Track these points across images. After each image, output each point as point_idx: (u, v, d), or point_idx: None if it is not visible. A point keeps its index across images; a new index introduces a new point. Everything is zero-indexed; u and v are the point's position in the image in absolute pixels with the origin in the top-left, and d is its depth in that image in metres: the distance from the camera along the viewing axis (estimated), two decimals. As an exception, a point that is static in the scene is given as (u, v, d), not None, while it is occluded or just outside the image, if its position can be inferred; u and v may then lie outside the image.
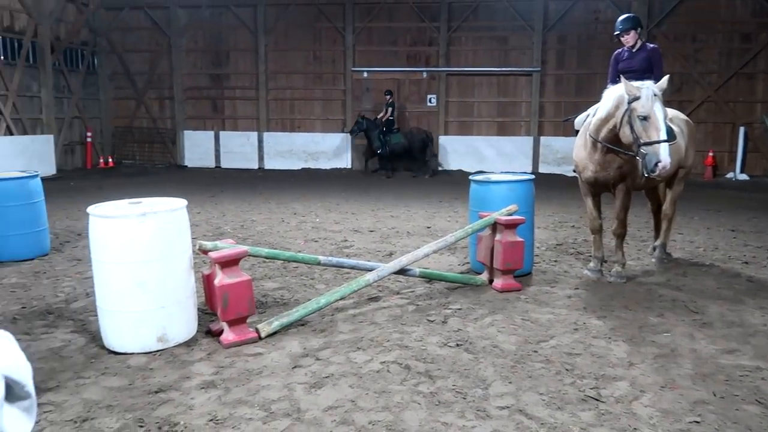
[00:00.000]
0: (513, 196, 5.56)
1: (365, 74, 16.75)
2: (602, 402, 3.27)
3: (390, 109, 15.37)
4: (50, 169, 14.40)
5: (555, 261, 6.41)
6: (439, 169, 15.98)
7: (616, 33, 5.86)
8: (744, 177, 14.50)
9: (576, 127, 6.07)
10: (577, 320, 4.55)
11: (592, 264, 5.85)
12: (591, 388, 3.43)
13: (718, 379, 3.57)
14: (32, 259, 6.41)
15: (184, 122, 17.69)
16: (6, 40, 14.17)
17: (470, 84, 16.58)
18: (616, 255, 5.71)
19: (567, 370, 3.69)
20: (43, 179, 6.86)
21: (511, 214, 5.31)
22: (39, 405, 3.20)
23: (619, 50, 5.96)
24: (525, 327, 4.41)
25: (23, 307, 4.85)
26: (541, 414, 3.15)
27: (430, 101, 16.70)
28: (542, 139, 16.09)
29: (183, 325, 4.10)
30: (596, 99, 5.65)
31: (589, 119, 5.61)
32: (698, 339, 4.19)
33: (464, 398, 3.32)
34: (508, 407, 3.22)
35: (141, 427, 3.00)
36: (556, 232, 7.97)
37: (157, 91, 17.78)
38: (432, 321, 4.52)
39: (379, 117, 15.52)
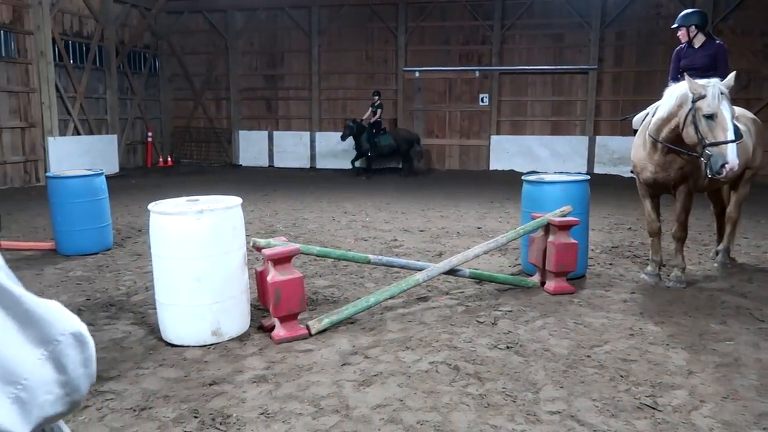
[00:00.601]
0: (567, 196, 5.44)
1: (417, 74, 16.73)
2: (659, 410, 3.16)
3: (379, 110, 14.89)
4: (113, 168, 15.04)
5: (610, 264, 6.23)
6: (423, 168, 15.69)
7: (672, 27, 5.66)
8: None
9: (634, 127, 5.88)
10: (633, 325, 4.41)
11: (649, 268, 5.66)
12: (647, 396, 3.32)
13: (786, 391, 3.39)
14: (96, 254, 6.71)
15: (239, 122, 18.12)
16: (75, 44, 14.89)
17: (524, 83, 16.30)
18: (675, 259, 5.50)
19: (622, 376, 3.58)
20: (107, 177, 7.17)
21: (565, 216, 5.20)
22: (101, 393, 3.36)
23: (681, 46, 5.74)
24: (578, 331, 4.31)
25: (87, 299, 5.09)
26: (594, 421, 3.07)
27: (482, 100, 16.51)
28: (598, 138, 15.66)
29: (236, 320, 4.20)
30: (656, 97, 5.46)
31: (648, 118, 5.43)
32: (764, 348, 3.98)
33: (514, 401, 3.27)
34: (559, 412, 3.16)
35: (195, 417, 3.10)
36: (611, 235, 7.75)
37: (214, 92, 18.29)
38: (482, 322, 4.47)
39: (364, 118, 15.01)
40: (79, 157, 13.49)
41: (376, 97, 14.93)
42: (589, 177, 5.88)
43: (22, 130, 13.04)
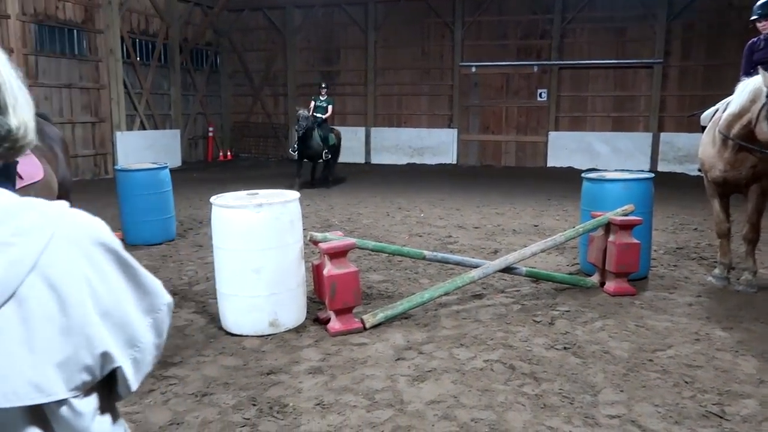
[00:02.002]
0: (629, 195, 5.26)
1: (473, 69, 16.54)
2: (726, 420, 3.02)
3: (330, 107, 12.27)
4: (176, 162, 15.58)
5: (674, 266, 5.99)
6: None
7: (752, 18, 5.35)
8: None
9: (702, 123, 5.62)
10: (699, 330, 4.23)
11: (717, 270, 5.41)
12: (714, 404, 3.18)
13: None
14: (160, 244, 6.98)
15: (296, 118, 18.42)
16: (141, 42, 15.49)
17: (584, 77, 15.85)
18: (746, 262, 5.23)
19: (686, 382, 3.44)
20: (170, 170, 7.44)
21: (627, 215, 5.03)
22: (165, 378, 3.49)
23: (755, 39, 5.43)
24: (639, 334, 4.17)
25: (153, 287, 5.30)
26: (656, 427, 2.96)
27: (540, 96, 16.17)
28: (663, 135, 15.06)
29: (293, 311, 4.29)
30: (726, 93, 5.19)
31: (718, 114, 5.18)
32: None
33: (571, 403, 3.21)
34: (618, 416, 3.07)
35: (254, 405, 3.18)
36: (676, 235, 7.45)
37: (272, 88, 18.65)
38: (538, 322, 4.39)
39: (326, 116, 12.09)
40: (144, 150, 14.05)
41: (325, 90, 12.29)
42: (653, 175, 5.67)
43: (93, 124, 13.69)
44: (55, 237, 0.81)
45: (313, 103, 12.15)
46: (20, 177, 3.39)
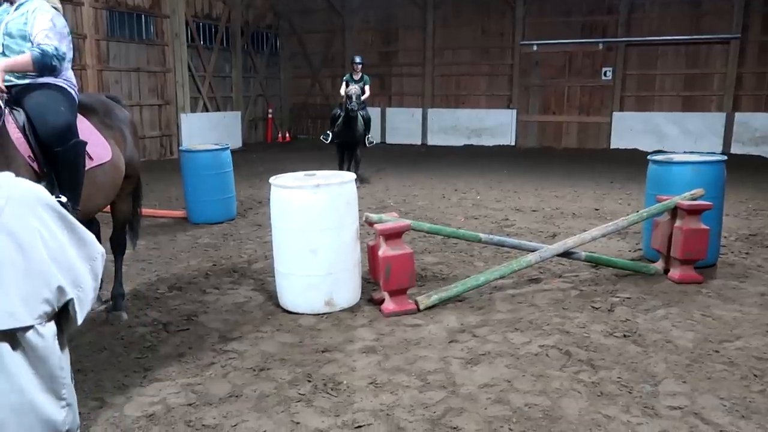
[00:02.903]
0: (699, 179, 5.01)
1: (535, 47, 16.07)
2: (799, 417, 2.87)
3: (367, 86, 10.48)
4: (237, 143, 15.97)
5: (746, 253, 5.68)
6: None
7: None
8: None
9: None
10: (772, 322, 4.01)
11: (794, 259, 5.10)
12: (786, 400, 3.02)
13: None
14: (221, 223, 7.20)
15: (354, 99, 18.47)
16: (205, 25, 15.87)
17: (653, 55, 15.11)
18: (826, 251, 4.91)
19: (756, 375, 3.28)
20: (231, 151, 7.63)
21: (695, 199, 4.80)
22: (225, 352, 3.62)
23: None
24: (705, 324, 3.99)
25: (214, 265, 5.49)
26: (721, 420, 2.84)
27: (604, 74, 15.55)
28: (737, 115, 14.21)
29: (348, 291, 4.34)
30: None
31: None
32: None
33: (630, 392, 3.12)
34: (680, 408, 2.96)
35: (309, 381, 3.26)
36: (749, 221, 7.06)
37: (331, 70, 18.75)
38: (597, 308, 4.28)
39: (365, 97, 10.27)
40: (207, 132, 14.47)
41: (360, 66, 10.51)
42: (725, 157, 5.37)
43: (159, 107, 14.19)
44: (10, 198, 1.06)
45: (345, 84, 10.28)
46: (90, 158, 3.56)
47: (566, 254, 4.88)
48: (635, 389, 3.14)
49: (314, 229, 4.15)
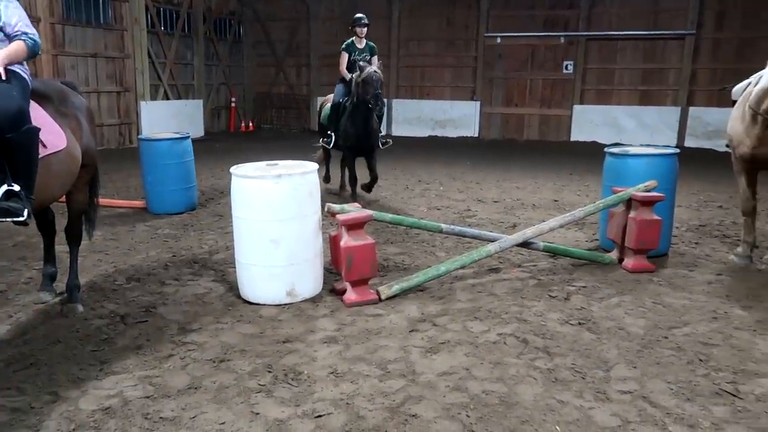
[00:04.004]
0: (653, 171, 5.17)
1: (498, 40, 16.22)
2: (740, 398, 3.01)
3: (375, 57, 7.88)
4: (199, 132, 15.69)
5: (696, 243, 5.90)
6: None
7: None
8: None
9: (733, 98, 5.46)
10: (717, 308, 4.18)
11: (740, 249, 5.31)
12: (728, 383, 3.17)
13: None
14: (182, 213, 7.09)
15: (319, 89, 18.35)
16: (166, 11, 15.49)
17: (612, 49, 15.44)
18: (770, 241, 5.14)
19: (701, 360, 3.43)
20: (193, 140, 7.51)
21: (649, 191, 4.96)
22: (184, 344, 3.59)
23: None
24: (656, 311, 4.15)
25: (174, 256, 5.41)
26: (668, 403, 2.97)
27: (566, 68, 15.82)
28: (691, 109, 14.66)
29: (310, 282, 4.35)
30: (761, 66, 5.02)
31: (749, 89, 5.03)
32: None
33: (583, 378, 3.22)
34: (630, 392, 3.07)
35: (269, 372, 3.26)
36: (699, 212, 7.32)
37: (295, 59, 18.56)
38: (554, 297, 4.39)
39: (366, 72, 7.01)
40: (168, 120, 14.17)
41: (366, 29, 8.06)
42: (678, 150, 5.55)
43: (117, 94, 13.81)
44: None
45: (347, 56, 7.57)
46: (44, 145, 3.47)
47: (525, 244, 4.98)
48: (588, 375, 3.25)
49: (276, 219, 4.13)
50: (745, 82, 5.30)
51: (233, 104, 18.15)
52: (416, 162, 11.74)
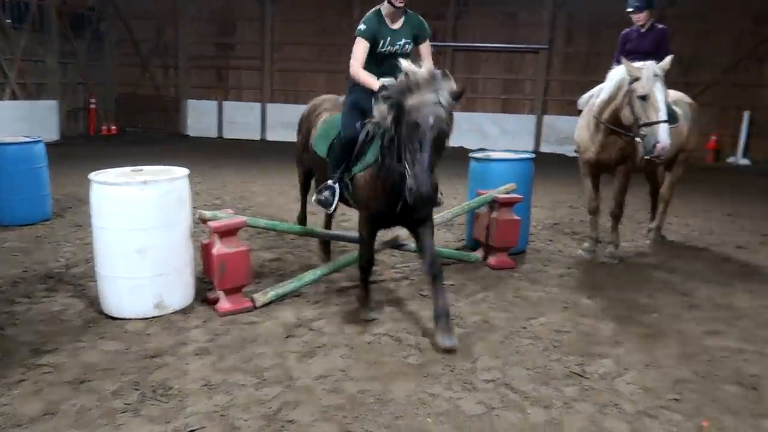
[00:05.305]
0: (512, 174, 5.59)
1: (371, 47, 16.55)
2: (586, 378, 3.36)
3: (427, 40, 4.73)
4: (53, 135, 14.40)
5: (550, 240, 6.46)
6: None
7: (627, 10, 5.76)
8: (746, 162, 14.43)
9: (579, 108, 6.04)
10: (568, 299, 4.62)
11: (586, 244, 5.90)
12: (576, 365, 3.52)
13: (702, 359, 3.65)
14: (34, 224, 6.48)
15: (188, 91, 17.62)
16: (13, 4, 14.05)
17: (477, 60, 16.40)
18: (611, 236, 5.76)
19: (554, 346, 3.77)
20: (46, 145, 6.89)
21: (509, 193, 5.35)
22: (38, 366, 3.31)
23: (628, 30, 5.88)
24: (516, 304, 4.49)
25: (24, 271, 4.94)
26: (526, 388, 3.24)
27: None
28: (546, 117, 15.97)
29: (180, 292, 4.18)
30: (604, 79, 5.59)
31: (593, 100, 5.60)
32: (685, 320, 4.26)
33: (452, 371, 3.41)
34: (494, 381, 3.31)
35: (136, 390, 3.10)
36: (553, 212, 8.00)
37: (162, 59, 17.66)
38: (425, 296, 4.59)
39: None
40: (17, 123, 12.82)
41: None
42: (534, 155, 6.04)
43: (-47, 92, 12.32)
44: None
45: (367, 46, 4.05)
46: None
47: (398, 246, 5.16)
48: (457, 367, 3.45)
49: (142, 228, 3.93)
50: (589, 93, 5.89)
51: (93, 106, 16.86)
52: (292, 167, 11.60)
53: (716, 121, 14.67)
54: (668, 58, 4.97)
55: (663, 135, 4.68)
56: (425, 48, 4.45)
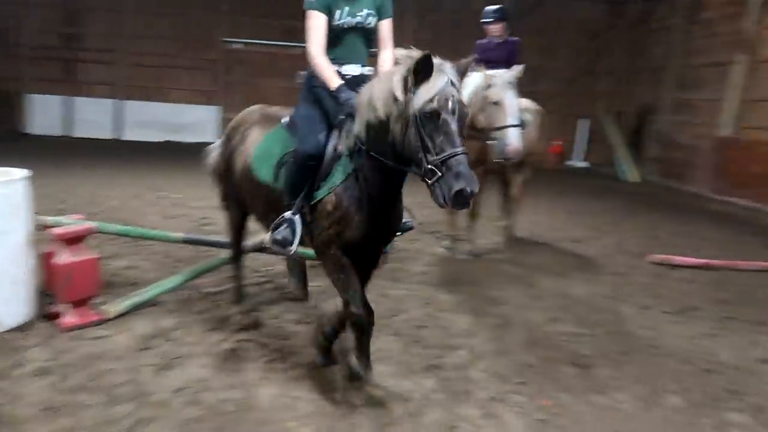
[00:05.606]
0: None
1: (236, 45, 16.13)
2: (443, 369, 3.54)
3: None
4: None
5: (415, 240, 6.70)
6: None
7: (483, 21, 6.10)
8: (584, 164, 16.10)
9: None
10: (429, 295, 4.84)
11: (446, 242, 6.22)
12: (435, 357, 3.70)
13: (544, 344, 4.01)
14: None
15: (30, 84, 15.94)
16: None
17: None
18: (468, 234, 6.11)
19: (415, 341, 3.93)
20: None
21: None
22: None
23: (485, 40, 6.24)
24: (380, 303, 4.58)
25: None
26: (389, 383, 3.35)
27: (297, 78, 16.46)
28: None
29: (17, 307, 3.79)
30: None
31: None
32: (531, 310, 4.65)
33: (317, 374, 3.43)
34: (357, 380, 3.37)
35: (-41, 420, 2.77)
36: (420, 212, 8.29)
37: (3, 49, 15.82)
38: (290, 299, 4.57)
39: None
40: None
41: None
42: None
43: None
44: None
45: (324, 19, 3.50)
46: None
47: (261, 249, 5.07)
48: (323, 370, 3.47)
49: (-34, 238, 3.51)
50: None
51: None
52: (149, 169, 11.00)
53: (558, 128, 16.15)
54: (519, 67, 5.36)
55: (513, 138, 5.06)
56: (386, 26, 3.50)
